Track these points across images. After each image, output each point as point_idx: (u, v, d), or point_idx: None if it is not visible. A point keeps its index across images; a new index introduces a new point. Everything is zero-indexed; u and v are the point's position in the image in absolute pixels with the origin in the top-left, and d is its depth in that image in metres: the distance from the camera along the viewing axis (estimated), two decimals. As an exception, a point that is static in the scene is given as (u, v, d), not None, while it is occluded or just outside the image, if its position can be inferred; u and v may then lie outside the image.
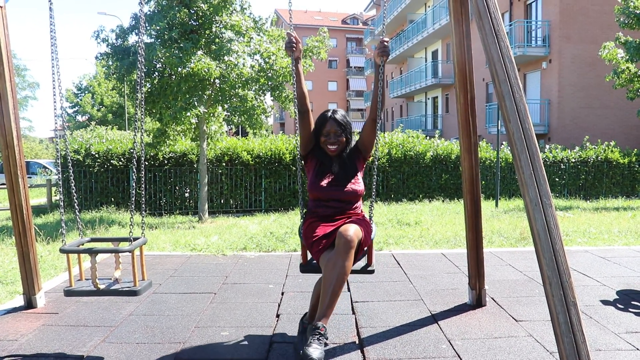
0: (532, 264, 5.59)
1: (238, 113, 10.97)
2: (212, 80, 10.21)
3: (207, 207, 11.37)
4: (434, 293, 4.53)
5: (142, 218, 3.45)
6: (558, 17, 21.30)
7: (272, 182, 13.40)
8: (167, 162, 12.78)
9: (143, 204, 3.51)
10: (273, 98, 11.19)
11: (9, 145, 3.88)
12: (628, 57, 13.63)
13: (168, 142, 11.00)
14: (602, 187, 15.91)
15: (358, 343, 3.40)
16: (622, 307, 4.10)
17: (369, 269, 3.23)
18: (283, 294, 4.52)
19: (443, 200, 13.62)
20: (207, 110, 10.60)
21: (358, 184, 3.28)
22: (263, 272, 5.37)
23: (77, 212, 3.49)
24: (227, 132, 13.21)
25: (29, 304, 4.13)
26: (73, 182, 3.36)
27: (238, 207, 13.29)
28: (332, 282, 2.83)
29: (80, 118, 42.93)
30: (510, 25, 23.27)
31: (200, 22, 10.30)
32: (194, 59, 9.56)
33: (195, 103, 10.08)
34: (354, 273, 3.17)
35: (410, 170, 14.29)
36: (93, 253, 3.13)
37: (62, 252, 3.13)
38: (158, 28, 9.91)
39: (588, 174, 15.87)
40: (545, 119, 22.10)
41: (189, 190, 13.01)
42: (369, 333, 3.55)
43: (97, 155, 12.51)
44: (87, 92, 42.54)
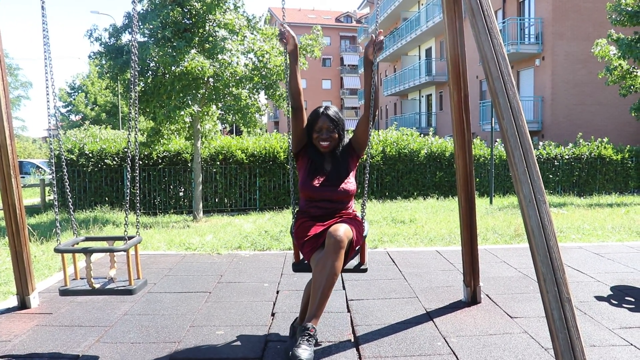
0: (526, 261, 5.61)
1: (232, 112, 10.96)
2: (205, 79, 10.19)
3: (201, 206, 11.35)
4: (429, 290, 4.54)
5: (136, 217, 3.44)
6: (551, 14, 21.38)
7: (266, 180, 13.40)
8: (161, 161, 12.75)
9: (137, 203, 3.50)
10: (267, 96, 11.19)
11: (2, 145, 3.85)
12: (620, 54, 13.70)
13: (162, 141, 10.98)
14: (595, 183, 15.99)
15: (353, 341, 3.40)
16: (616, 303, 4.12)
17: (362, 268, 3.20)
18: (278, 293, 4.51)
19: (437, 198, 13.65)
20: (201, 109, 10.58)
21: (350, 183, 3.23)
22: (258, 270, 5.36)
23: (71, 211, 3.48)
24: (221, 130, 13.16)
25: (23, 305, 4.10)
26: (67, 181, 3.34)
27: (232, 206, 13.28)
28: (321, 283, 2.81)
29: (74, 117, 42.79)
30: (504, 23, 23.33)
31: (194, 20, 10.28)
32: (188, 58, 9.54)
33: (189, 102, 10.05)
34: (347, 272, 3.17)
35: (405, 168, 14.32)
36: (88, 252, 3.11)
37: (56, 251, 3.11)
38: (151, 27, 9.88)
39: (582, 171, 15.94)
40: (539, 116, 22.19)
41: (184, 190, 12.99)
42: (364, 331, 3.55)
43: (90, 155, 12.47)
44: (80, 91, 42.40)
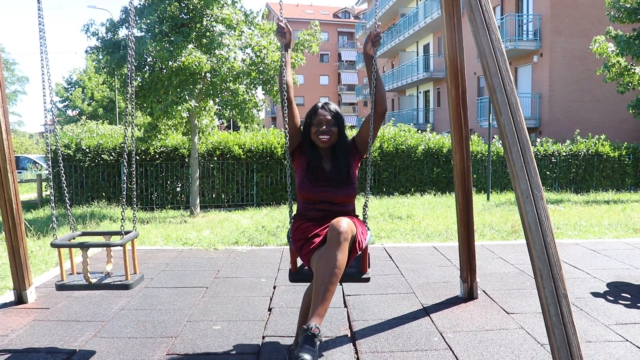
0: (523, 257, 5.62)
1: (229, 107, 10.95)
2: (203, 74, 10.17)
3: (198, 201, 11.35)
4: (426, 286, 4.55)
5: (133, 212, 3.44)
6: (549, 10, 21.37)
7: (263, 176, 13.39)
8: (158, 156, 12.73)
9: (134, 198, 3.49)
10: (264, 92, 11.18)
11: (-2, 140, 3.84)
12: (618, 50, 13.70)
13: (159, 136, 10.97)
14: (592, 180, 16.02)
15: (350, 336, 3.41)
16: (612, 299, 4.14)
17: (364, 277, 2.91)
18: (275, 288, 4.52)
19: (435, 194, 13.67)
20: (198, 104, 10.56)
21: (352, 184, 3.01)
22: (255, 266, 5.36)
23: (68, 206, 3.47)
24: (218, 126, 13.16)
25: (20, 299, 4.10)
26: (64, 176, 3.33)
27: (230, 201, 13.27)
28: (325, 277, 2.54)
29: (71, 112, 42.61)
30: (502, 19, 23.31)
31: (191, 15, 10.24)
32: (185, 53, 9.52)
33: (187, 97, 10.04)
34: (348, 281, 2.94)
35: (402, 164, 14.33)
36: (84, 247, 3.10)
37: (53, 246, 3.11)
38: (148, 22, 9.85)
39: (579, 168, 15.97)
40: (537, 113, 22.21)
41: (181, 185, 12.98)
42: (361, 326, 3.56)
43: (87, 150, 12.44)
44: (77, 86, 42.21)
